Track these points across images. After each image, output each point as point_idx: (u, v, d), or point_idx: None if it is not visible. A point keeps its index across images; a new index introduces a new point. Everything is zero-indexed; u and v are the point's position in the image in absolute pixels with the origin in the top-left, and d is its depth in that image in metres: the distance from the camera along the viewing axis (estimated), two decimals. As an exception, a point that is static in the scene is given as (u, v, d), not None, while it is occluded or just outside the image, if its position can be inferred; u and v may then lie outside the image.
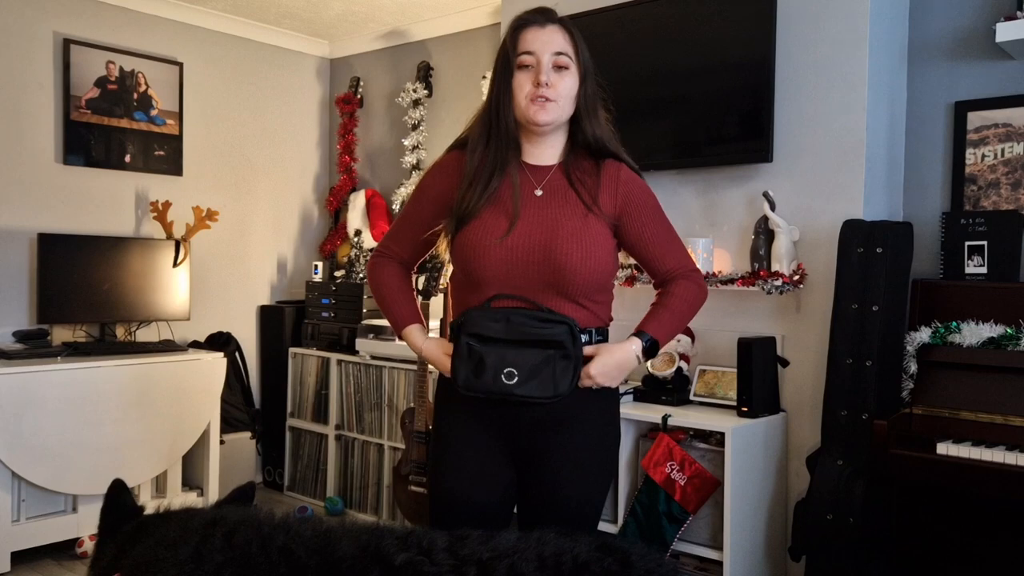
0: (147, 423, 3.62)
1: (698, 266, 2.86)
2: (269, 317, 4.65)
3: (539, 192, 1.78)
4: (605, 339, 1.84)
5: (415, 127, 4.36)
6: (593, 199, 1.78)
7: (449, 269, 2.24)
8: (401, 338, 1.93)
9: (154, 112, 4.21)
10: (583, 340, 1.74)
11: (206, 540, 1.39)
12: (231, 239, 4.58)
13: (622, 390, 2.73)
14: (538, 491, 1.80)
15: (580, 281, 1.73)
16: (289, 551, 1.35)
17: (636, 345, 1.79)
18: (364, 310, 4.23)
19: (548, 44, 1.74)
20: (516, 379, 1.68)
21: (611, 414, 1.88)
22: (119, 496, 1.69)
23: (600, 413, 1.83)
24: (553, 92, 1.74)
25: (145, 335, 4.06)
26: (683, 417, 2.72)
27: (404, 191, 4.32)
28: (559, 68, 1.75)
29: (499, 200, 1.78)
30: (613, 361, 1.76)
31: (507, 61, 1.77)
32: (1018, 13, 2.54)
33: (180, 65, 4.31)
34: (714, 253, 2.97)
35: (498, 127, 1.79)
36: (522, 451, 1.80)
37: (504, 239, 1.73)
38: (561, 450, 1.77)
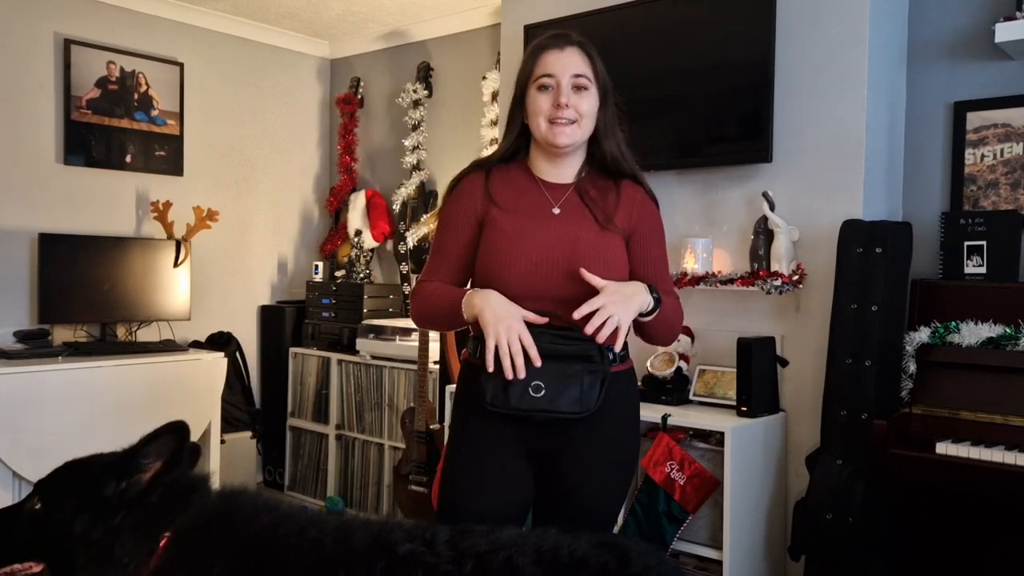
0: (148, 423, 3.58)
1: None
2: (270, 317, 4.66)
3: (556, 210, 1.81)
4: (627, 355, 1.85)
5: (415, 127, 4.36)
6: (608, 216, 1.80)
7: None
8: (464, 314, 1.73)
9: (155, 112, 4.21)
10: (610, 357, 1.75)
11: (270, 527, 1.45)
12: (231, 239, 4.58)
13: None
14: (555, 491, 1.80)
15: None
16: (319, 541, 1.41)
17: (644, 286, 1.74)
18: (364, 310, 4.24)
19: (567, 66, 1.76)
20: (543, 392, 1.66)
21: (632, 416, 1.89)
22: (185, 444, 1.64)
23: (622, 415, 1.83)
24: (573, 113, 1.75)
25: (146, 335, 4.07)
26: (683, 417, 2.72)
27: (404, 191, 4.33)
28: (578, 88, 1.77)
29: (522, 215, 1.80)
30: (626, 288, 1.70)
31: (524, 85, 1.80)
32: (1017, 13, 2.54)
33: (180, 65, 4.32)
34: (713, 253, 2.98)
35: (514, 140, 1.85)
36: (539, 451, 1.79)
37: (526, 254, 1.74)
38: (580, 450, 1.77)
